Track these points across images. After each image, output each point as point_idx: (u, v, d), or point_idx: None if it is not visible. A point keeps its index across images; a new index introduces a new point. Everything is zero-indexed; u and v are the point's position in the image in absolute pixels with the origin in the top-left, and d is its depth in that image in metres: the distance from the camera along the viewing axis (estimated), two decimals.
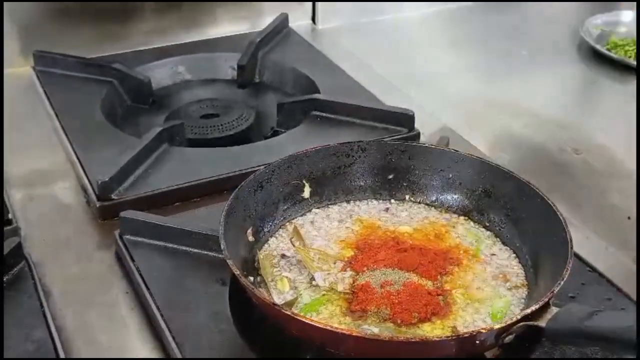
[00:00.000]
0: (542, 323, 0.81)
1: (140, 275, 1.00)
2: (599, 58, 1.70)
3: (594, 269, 1.03)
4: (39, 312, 0.95)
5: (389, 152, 1.11)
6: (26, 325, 0.92)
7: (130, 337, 0.95)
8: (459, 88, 1.60)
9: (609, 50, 1.70)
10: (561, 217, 0.95)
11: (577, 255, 1.04)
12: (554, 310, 0.82)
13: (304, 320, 0.81)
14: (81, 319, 0.97)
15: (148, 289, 0.98)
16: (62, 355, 0.88)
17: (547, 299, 0.82)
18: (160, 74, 1.55)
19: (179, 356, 0.88)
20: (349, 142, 1.11)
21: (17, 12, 1.52)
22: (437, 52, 1.78)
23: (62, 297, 1.00)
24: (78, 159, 1.23)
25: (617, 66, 1.66)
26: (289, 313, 0.82)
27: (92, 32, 1.60)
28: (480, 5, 1.95)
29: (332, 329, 0.81)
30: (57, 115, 1.36)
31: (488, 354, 0.89)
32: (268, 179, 1.05)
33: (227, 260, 0.88)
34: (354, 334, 0.81)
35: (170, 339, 0.91)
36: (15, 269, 1.01)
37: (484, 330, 0.80)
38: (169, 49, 1.62)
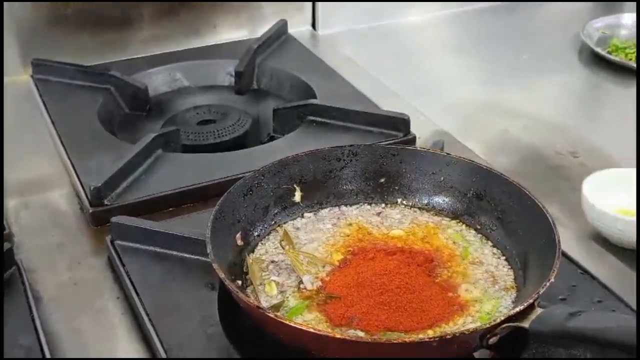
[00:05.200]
0: (526, 324, 0.80)
1: (130, 280, 1.01)
2: (600, 61, 1.70)
3: (585, 271, 1.03)
4: (27, 318, 0.95)
5: (380, 156, 1.11)
6: (15, 331, 0.93)
7: (119, 341, 0.96)
8: (458, 92, 1.60)
9: (609, 53, 1.70)
10: (550, 219, 0.94)
11: (569, 258, 1.04)
12: (538, 311, 0.81)
13: (286, 322, 0.81)
14: (71, 325, 0.97)
15: (137, 294, 0.98)
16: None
17: (532, 300, 0.82)
18: (157, 81, 1.55)
19: None
20: (340, 147, 1.11)
21: (15, 21, 1.53)
22: (436, 56, 1.78)
23: (53, 302, 1.01)
24: (73, 165, 1.24)
25: (618, 69, 1.66)
26: (271, 315, 0.82)
27: (91, 40, 1.60)
28: (480, 9, 1.94)
29: (314, 331, 0.80)
30: (53, 123, 1.37)
31: (478, 355, 0.89)
32: (258, 183, 1.05)
33: (213, 264, 0.88)
34: (334, 336, 0.81)
35: (158, 343, 0.91)
36: (6, 275, 1.01)
37: (467, 332, 0.80)
38: (166, 56, 1.63)
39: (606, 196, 1.13)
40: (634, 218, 1.08)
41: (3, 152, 1.23)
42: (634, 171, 1.15)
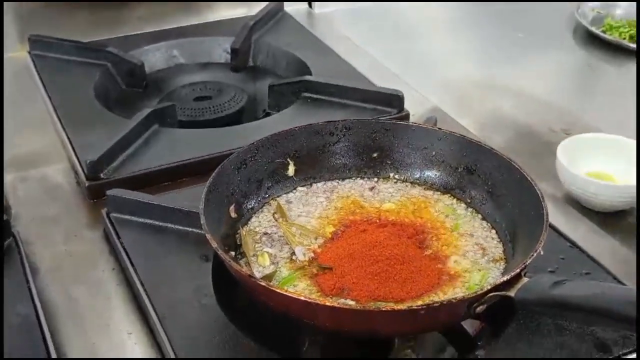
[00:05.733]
0: (512, 293, 0.82)
1: (126, 251, 1.02)
2: (594, 40, 1.71)
3: (574, 244, 1.04)
4: (24, 287, 0.97)
5: (373, 131, 1.12)
6: (13, 300, 0.94)
7: (114, 311, 0.97)
8: (453, 70, 1.61)
9: (604, 32, 1.71)
10: (539, 192, 0.96)
11: (558, 231, 1.06)
12: (524, 280, 0.83)
13: (277, 290, 0.83)
14: (67, 295, 0.99)
15: (133, 265, 1.00)
16: (45, 330, 0.90)
17: (519, 270, 0.83)
18: (154, 58, 1.57)
19: (161, 329, 0.90)
20: (333, 121, 1.12)
21: None
22: (432, 35, 1.79)
23: (49, 273, 1.03)
24: (69, 140, 1.25)
25: (612, 48, 1.67)
26: (263, 284, 0.83)
27: (88, 17, 1.62)
28: None
29: (304, 299, 0.82)
30: (50, 98, 1.38)
31: (467, 326, 0.91)
32: (252, 156, 1.06)
33: (206, 235, 0.89)
34: (325, 304, 0.82)
35: (152, 312, 0.93)
36: (4, 246, 1.02)
37: (454, 300, 0.81)
38: (163, 33, 1.64)
39: (580, 160, 1.17)
40: (606, 182, 1.13)
41: (3, 129, 1.24)
42: (607, 136, 1.21)
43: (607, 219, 1.13)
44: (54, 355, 0.86)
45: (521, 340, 0.90)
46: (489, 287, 0.82)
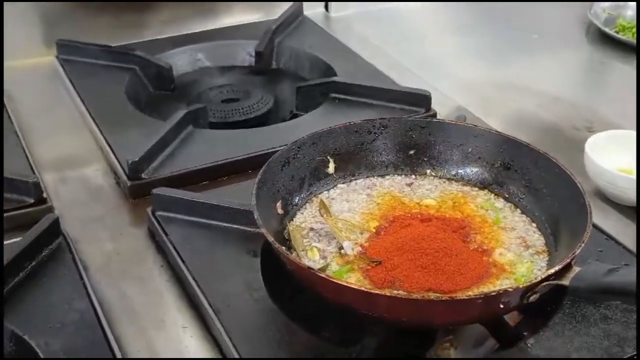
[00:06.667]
0: (565, 282, 0.85)
1: (175, 248, 1.04)
2: (607, 40, 1.74)
3: (610, 237, 1.07)
4: (79, 284, 0.99)
5: (409, 129, 1.15)
6: (68, 296, 0.96)
7: (168, 307, 0.99)
8: (471, 71, 1.64)
9: (617, 32, 1.74)
10: (579, 185, 0.99)
11: (593, 224, 1.08)
12: (576, 269, 0.86)
13: (342, 283, 0.85)
14: (119, 292, 1.01)
15: (183, 261, 1.02)
16: (106, 327, 0.92)
17: (569, 260, 0.86)
18: (179, 62, 1.59)
19: (218, 323, 0.92)
20: (371, 119, 1.15)
21: (39, 3, 1.56)
22: (447, 37, 1.82)
23: (99, 271, 1.04)
24: (107, 142, 1.27)
25: (625, 48, 1.70)
26: (323, 276, 0.86)
27: (112, 21, 1.63)
28: None
29: (366, 290, 0.84)
30: (83, 101, 1.40)
31: (509, 320, 0.94)
32: (294, 155, 1.09)
33: (261, 229, 0.92)
34: (385, 294, 0.85)
35: (208, 307, 0.95)
36: (53, 245, 1.04)
37: (510, 289, 0.84)
38: (186, 37, 1.66)
39: (607, 155, 1.20)
40: (635, 177, 1.15)
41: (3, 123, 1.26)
42: (632, 133, 1.23)
43: (635, 212, 1.16)
44: (118, 355, 0.88)
45: (569, 329, 0.92)
46: (543, 277, 0.84)
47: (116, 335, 0.93)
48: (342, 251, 0.99)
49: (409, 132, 1.15)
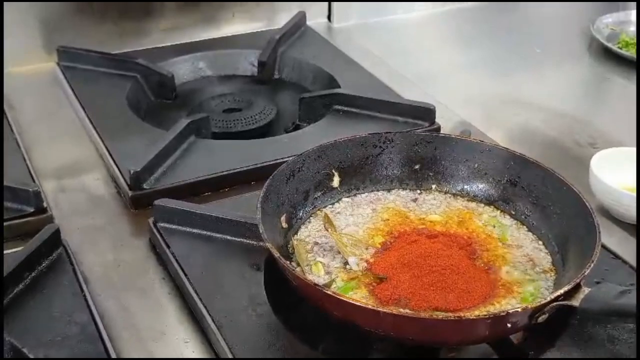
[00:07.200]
0: (575, 303, 0.84)
1: (177, 260, 1.03)
2: (610, 56, 1.74)
3: (617, 256, 1.06)
4: (79, 296, 0.97)
5: (415, 143, 1.14)
6: (68, 308, 0.95)
7: (169, 320, 0.98)
8: (473, 85, 1.63)
9: (620, 48, 1.74)
10: (587, 204, 0.98)
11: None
12: (585, 290, 0.85)
13: (345, 300, 0.84)
14: (120, 304, 1.00)
15: (185, 274, 1.01)
16: (106, 340, 0.90)
17: (578, 280, 0.85)
18: (181, 70, 1.58)
19: (220, 338, 0.91)
20: (377, 133, 1.14)
21: (39, 9, 1.55)
22: (449, 50, 1.81)
23: (100, 282, 1.03)
24: (108, 150, 1.26)
25: (627, 64, 1.70)
26: (330, 293, 0.84)
27: (113, 29, 1.62)
28: (489, 5, 1.98)
29: (374, 308, 0.83)
30: (84, 109, 1.38)
31: (514, 338, 0.92)
32: (299, 167, 1.07)
33: (267, 244, 0.90)
34: (392, 313, 0.83)
35: (210, 321, 0.93)
36: (54, 255, 1.03)
37: (519, 310, 0.83)
38: (189, 45, 1.65)
39: (611, 173, 1.19)
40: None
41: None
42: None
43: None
44: None
45: (575, 350, 0.91)
46: (552, 297, 0.83)
47: (117, 348, 0.91)
48: (348, 267, 0.98)
49: (415, 146, 1.14)
